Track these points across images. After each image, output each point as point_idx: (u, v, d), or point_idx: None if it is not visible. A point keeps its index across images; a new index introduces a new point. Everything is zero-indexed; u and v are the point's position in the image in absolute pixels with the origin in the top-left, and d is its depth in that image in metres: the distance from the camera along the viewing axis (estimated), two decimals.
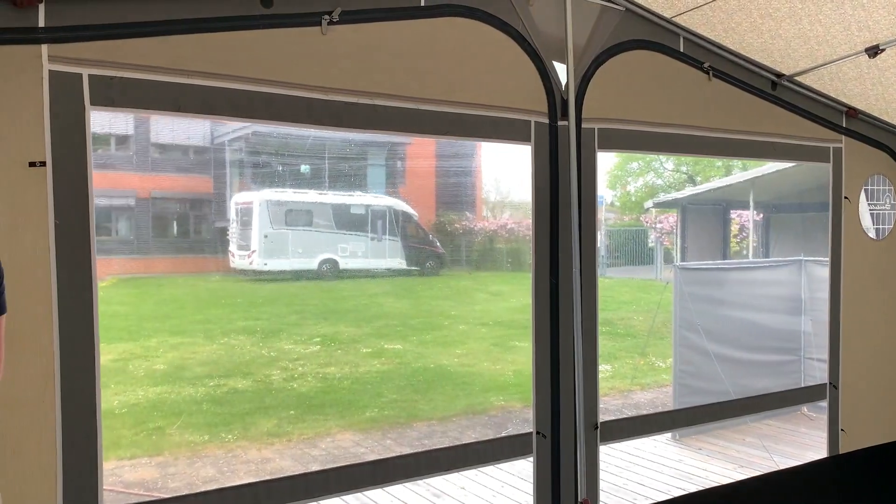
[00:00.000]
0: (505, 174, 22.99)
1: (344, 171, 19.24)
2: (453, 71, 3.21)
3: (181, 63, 2.59)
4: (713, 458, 6.40)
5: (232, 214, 17.80)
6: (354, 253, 17.51)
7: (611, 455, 6.44)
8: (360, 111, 2.98)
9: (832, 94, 4.46)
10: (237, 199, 17.81)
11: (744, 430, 7.00)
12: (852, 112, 4.57)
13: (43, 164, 2.38)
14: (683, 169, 29.11)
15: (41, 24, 2.37)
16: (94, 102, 2.46)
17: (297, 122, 2.86)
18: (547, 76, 3.46)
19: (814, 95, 4.41)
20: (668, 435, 7.02)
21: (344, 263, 17.08)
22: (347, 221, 17.80)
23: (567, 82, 3.47)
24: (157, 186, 18.72)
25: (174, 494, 5.89)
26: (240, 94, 2.71)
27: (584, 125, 3.54)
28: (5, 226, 2.33)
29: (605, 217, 25.45)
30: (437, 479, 5.90)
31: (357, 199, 18.32)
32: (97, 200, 2.51)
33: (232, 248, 17.48)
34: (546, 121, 3.46)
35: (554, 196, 3.47)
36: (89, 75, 2.45)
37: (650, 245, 22.11)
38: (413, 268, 17.99)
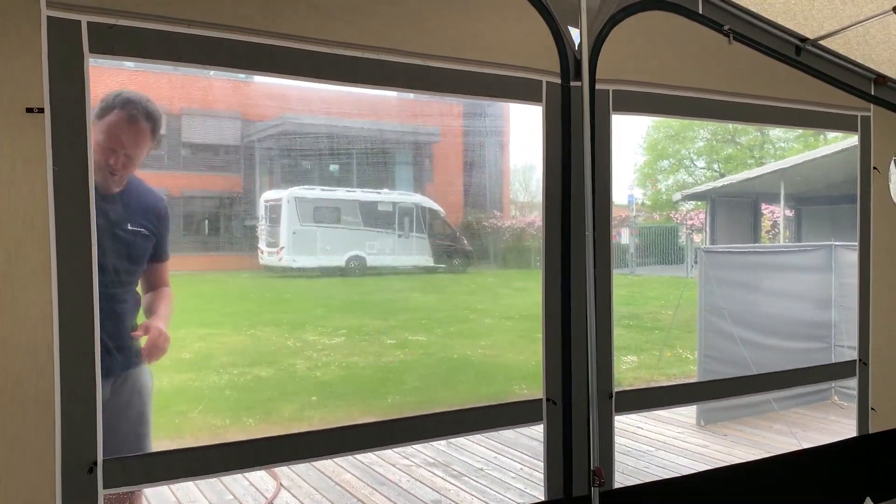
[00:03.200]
0: (534, 174, 22.85)
1: (372, 169, 19.30)
2: (463, 28, 3.15)
3: (181, 12, 2.57)
4: (739, 443, 6.23)
5: (261, 212, 17.97)
6: (382, 250, 17.55)
7: (633, 440, 6.31)
8: (365, 66, 2.93)
9: (859, 60, 4.31)
10: (266, 197, 17.97)
11: (772, 417, 6.82)
12: (881, 79, 4.41)
13: (41, 110, 2.37)
14: (715, 167, 28.70)
15: None
16: (92, 50, 2.44)
17: (300, 75, 2.81)
18: (560, 35, 3.38)
19: (840, 61, 4.27)
20: (693, 421, 6.86)
21: (371, 260, 17.14)
22: (375, 218, 17.85)
23: (581, 41, 3.39)
24: (187, 185, 18.96)
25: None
26: (240, 44, 2.67)
27: (598, 86, 3.46)
28: (4, 171, 2.32)
29: (635, 215, 25.18)
30: (456, 460, 5.84)
31: (385, 197, 18.37)
32: None
33: (261, 245, 17.64)
34: (558, 81, 3.38)
35: (566, 157, 3.39)
36: (88, 22, 2.43)
37: (681, 242, 21.84)
38: (440, 265, 17.97)
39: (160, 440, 6.80)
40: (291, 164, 19.08)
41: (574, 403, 3.38)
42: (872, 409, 4.44)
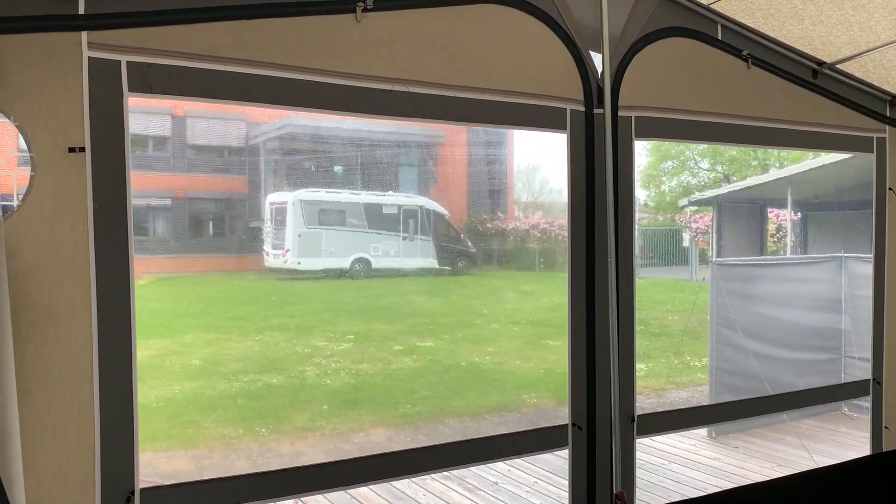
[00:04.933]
0: (538, 174, 22.88)
1: (376, 171, 19.32)
2: (488, 58, 3.19)
3: (217, 50, 2.61)
4: (750, 456, 6.28)
5: (266, 214, 18.00)
6: (387, 252, 17.58)
7: (647, 453, 6.35)
8: (395, 99, 2.97)
9: (875, 83, 4.35)
10: (271, 199, 18.00)
11: (782, 429, 6.86)
12: None
13: (82, 149, 2.41)
14: (719, 168, 28.72)
15: (81, 11, 2.40)
16: (131, 89, 2.49)
17: (333, 110, 2.86)
18: (583, 63, 3.42)
19: (856, 84, 4.31)
20: (705, 433, 6.90)
21: (376, 263, 17.17)
22: (380, 221, 17.87)
23: (603, 69, 3.43)
24: (192, 187, 19.01)
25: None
26: (275, 81, 2.72)
27: (620, 113, 3.50)
28: (46, 210, 2.36)
29: (639, 217, 25.20)
30: (471, 474, 5.88)
31: (389, 199, 18.39)
32: (135, 201, 2.54)
33: (266, 247, 17.68)
34: (582, 108, 3.42)
35: (590, 183, 3.43)
36: (127, 62, 2.47)
37: (685, 245, 21.84)
38: (445, 267, 18.01)
39: (174, 450, 6.88)
40: (296, 166, 19.11)
41: (598, 427, 3.42)
42: (886, 427, 4.48)
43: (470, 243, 19.34)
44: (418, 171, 21.05)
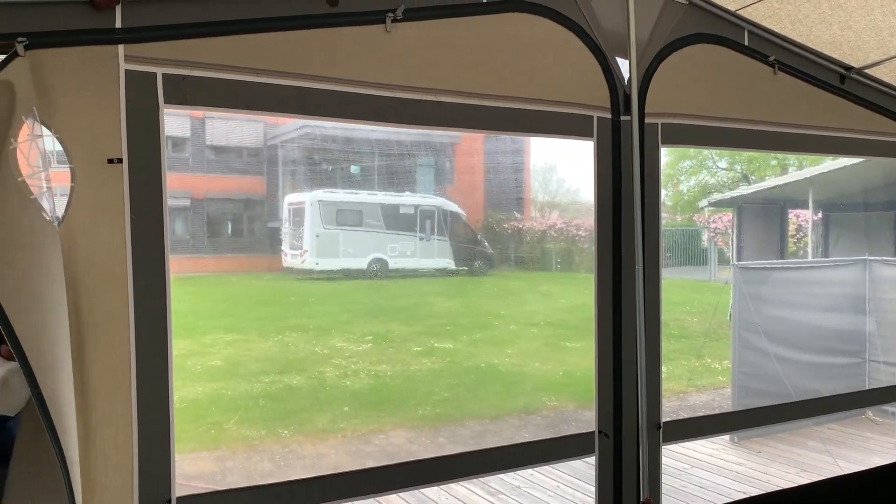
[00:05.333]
0: (554, 174, 22.83)
1: (393, 172, 19.36)
2: (515, 67, 3.20)
3: (250, 62, 2.64)
4: (774, 461, 6.24)
5: (284, 214, 18.10)
6: (403, 252, 17.62)
7: (669, 457, 6.33)
8: (424, 108, 2.99)
9: None
10: (289, 200, 18.09)
11: (805, 433, 6.82)
12: None
13: (120, 160, 2.45)
14: (737, 167, 28.51)
15: (118, 24, 2.43)
16: (167, 100, 2.52)
17: (363, 120, 2.88)
18: (609, 71, 3.42)
19: (884, 88, 4.28)
20: (727, 437, 6.87)
21: (393, 263, 17.22)
22: (396, 221, 17.91)
23: (630, 77, 3.43)
24: (211, 187, 19.14)
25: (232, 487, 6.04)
26: (307, 91, 2.74)
27: (647, 120, 3.49)
28: (85, 221, 2.40)
29: None
30: (493, 477, 5.89)
31: (406, 199, 18.42)
32: None
33: (284, 247, 17.77)
34: (609, 116, 3.43)
35: (617, 191, 3.43)
36: (163, 74, 2.51)
37: (703, 245, 21.70)
38: (462, 267, 18.02)
39: (197, 451, 6.94)
40: (313, 166, 19.20)
41: (624, 434, 3.43)
42: None
43: (487, 244, 19.33)
44: (435, 172, 21.07)
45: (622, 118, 3.45)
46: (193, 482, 5.96)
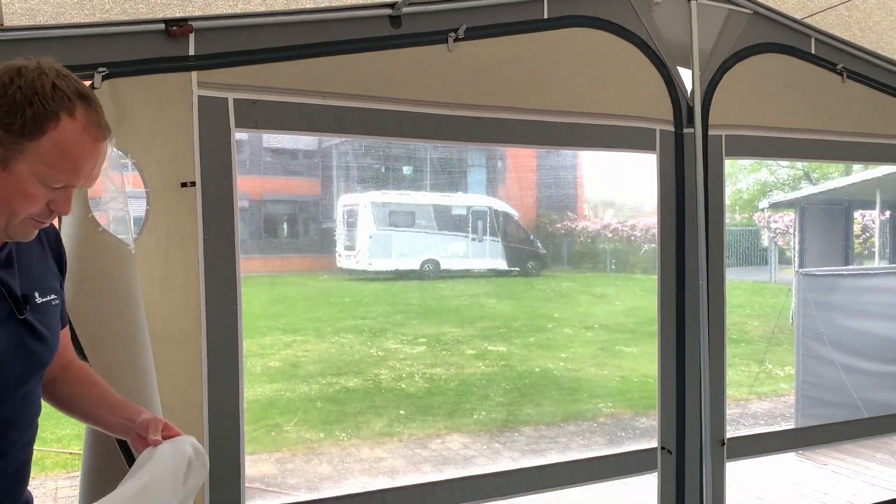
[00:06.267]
0: (608, 174, 22.53)
1: (445, 173, 19.43)
2: (576, 81, 3.19)
3: (316, 85, 2.69)
4: (840, 475, 6.07)
5: (338, 216, 18.33)
6: (455, 253, 17.68)
7: (731, 469, 6.20)
8: (484, 126, 3.01)
9: None
10: (344, 201, 18.34)
11: (873, 445, 6.58)
12: None
13: (193, 184, 2.53)
14: (799, 166, 27.70)
15: (191, 52, 2.51)
16: (238, 125, 2.59)
17: (425, 139, 2.93)
18: (672, 83, 3.38)
19: None
20: None
21: (445, 264, 17.29)
22: (448, 222, 17.98)
23: (693, 89, 3.39)
24: (268, 189, 19.51)
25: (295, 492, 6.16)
26: (371, 112, 2.79)
27: (710, 132, 3.44)
28: (161, 243, 2.49)
29: None
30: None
31: (458, 200, 18.47)
32: None
33: (338, 248, 18.02)
34: (671, 129, 3.39)
35: (680, 205, 3.39)
36: (234, 99, 2.58)
37: (763, 245, 21.18)
38: (514, 268, 17.98)
39: (259, 454, 7.10)
40: (366, 167, 19.40)
41: (687, 451, 3.39)
42: None
43: (539, 244, 19.24)
44: (487, 172, 21.07)
45: (685, 130, 3.40)
46: (254, 484, 6.10)
